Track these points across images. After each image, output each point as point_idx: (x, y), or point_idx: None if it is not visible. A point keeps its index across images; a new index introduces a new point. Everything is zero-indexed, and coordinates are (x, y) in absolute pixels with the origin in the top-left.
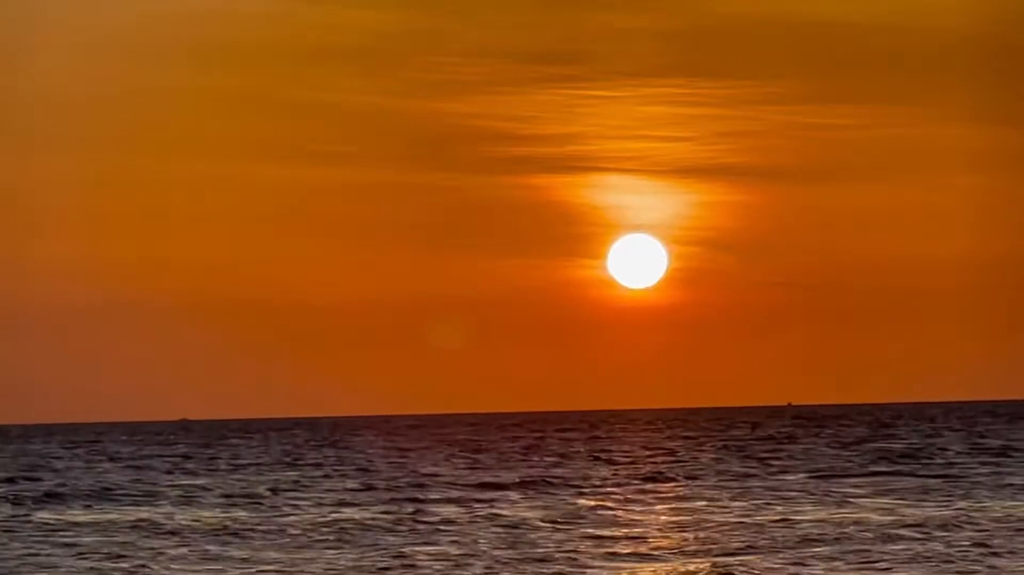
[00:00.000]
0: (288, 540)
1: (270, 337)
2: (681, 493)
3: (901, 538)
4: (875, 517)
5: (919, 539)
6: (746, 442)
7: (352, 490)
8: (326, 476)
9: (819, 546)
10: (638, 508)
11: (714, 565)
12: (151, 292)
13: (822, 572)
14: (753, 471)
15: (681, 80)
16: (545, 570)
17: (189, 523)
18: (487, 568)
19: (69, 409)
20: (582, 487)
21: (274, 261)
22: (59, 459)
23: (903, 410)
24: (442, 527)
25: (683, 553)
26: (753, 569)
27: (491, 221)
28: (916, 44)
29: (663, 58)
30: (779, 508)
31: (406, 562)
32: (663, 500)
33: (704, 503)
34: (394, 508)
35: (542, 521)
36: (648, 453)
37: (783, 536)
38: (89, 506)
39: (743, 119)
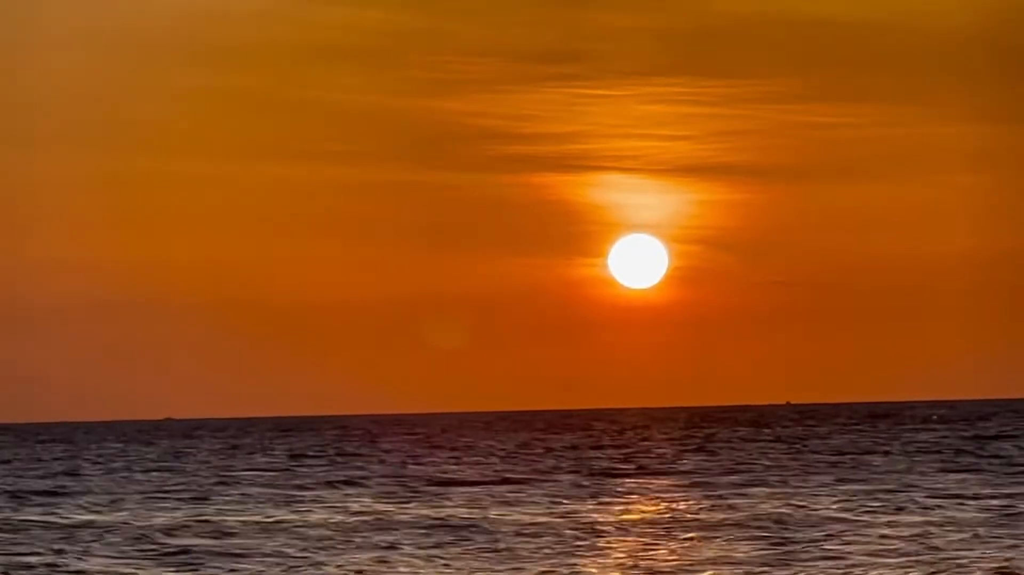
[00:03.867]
0: None
1: (270, 336)
2: None
3: None
4: None
5: None
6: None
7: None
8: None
9: None
10: None
11: None
12: (150, 291)
13: None
14: None
15: (681, 79)
16: None
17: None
18: None
19: (67, 408)
20: None
21: (274, 261)
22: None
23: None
24: None
25: None
26: None
27: (491, 220)
28: (916, 44)
29: (663, 57)
30: None
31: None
32: None
33: None
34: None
35: None
36: None
37: None
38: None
39: (743, 118)
